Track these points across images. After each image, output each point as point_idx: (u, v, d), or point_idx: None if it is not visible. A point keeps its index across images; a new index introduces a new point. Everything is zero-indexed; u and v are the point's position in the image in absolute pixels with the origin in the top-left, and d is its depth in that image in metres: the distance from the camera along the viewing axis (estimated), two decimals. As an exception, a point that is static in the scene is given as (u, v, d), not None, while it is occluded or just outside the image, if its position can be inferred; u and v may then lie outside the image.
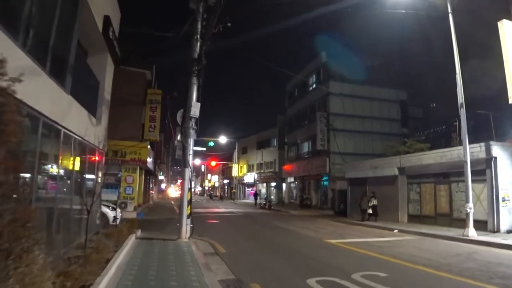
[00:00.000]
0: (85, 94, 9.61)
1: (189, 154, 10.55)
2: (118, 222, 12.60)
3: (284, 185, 42.82)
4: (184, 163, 10.41)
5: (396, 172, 19.27)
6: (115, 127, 19.26)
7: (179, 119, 11.24)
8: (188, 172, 10.48)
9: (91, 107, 9.99)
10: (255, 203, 38.90)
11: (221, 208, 31.46)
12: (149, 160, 23.19)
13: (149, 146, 21.90)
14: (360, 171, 22.42)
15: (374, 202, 19.14)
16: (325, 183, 31.71)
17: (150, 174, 30.69)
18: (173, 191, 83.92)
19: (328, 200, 30.05)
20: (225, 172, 73.84)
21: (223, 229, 15.61)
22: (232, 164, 62.46)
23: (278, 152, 46.56)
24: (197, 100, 10.84)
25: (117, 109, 19.50)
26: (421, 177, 17.92)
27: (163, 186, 64.55)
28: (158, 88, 21.88)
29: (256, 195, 47.95)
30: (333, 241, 11.79)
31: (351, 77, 31.56)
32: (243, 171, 58.35)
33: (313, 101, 33.74)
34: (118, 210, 13.20)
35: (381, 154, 28.58)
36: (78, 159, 8.58)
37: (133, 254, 8.02)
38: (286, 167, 39.22)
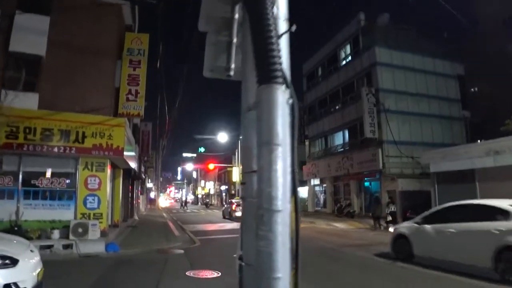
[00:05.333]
0: None
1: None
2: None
3: (305, 189, 34.68)
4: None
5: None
6: (65, 90, 10.98)
7: None
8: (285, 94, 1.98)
9: None
10: None
11: (233, 222, 23.12)
12: (130, 154, 14.80)
13: (128, 129, 13.61)
14: (460, 161, 14.43)
15: (392, 208, 17.35)
16: (373, 184, 23.71)
17: (134, 178, 22.19)
18: (163, 201, 75.31)
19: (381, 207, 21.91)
20: (222, 177, 65.31)
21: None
22: (231, 167, 53.94)
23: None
24: None
25: (68, 61, 11.24)
26: None
27: (152, 195, 55.73)
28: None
29: None
30: None
31: (399, 42, 23.88)
32: (245, 175, 49.98)
33: (349, 78, 25.75)
34: (32, 259, 4.78)
35: (443, 143, 21.03)
36: None
37: None
38: (308, 166, 31.07)
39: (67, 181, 10.87)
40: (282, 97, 1.89)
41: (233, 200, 28.26)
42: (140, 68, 12.42)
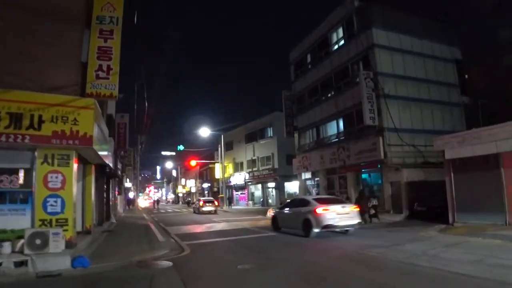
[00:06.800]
0: None
1: None
2: None
3: (295, 183, 32.96)
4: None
5: None
6: (16, 63, 8.65)
7: None
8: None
9: None
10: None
11: (221, 222, 21.09)
12: (104, 153, 12.51)
13: (101, 119, 11.36)
14: (483, 145, 12.82)
15: (374, 202, 17.12)
16: (373, 175, 22.12)
17: (110, 176, 19.76)
18: (143, 201, 72.36)
19: (383, 199, 20.35)
20: (204, 175, 62.89)
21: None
22: (214, 163, 51.62)
23: (277, 144, 36.92)
24: None
25: (21, 27, 8.90)
26: None
27: (131, 195, 52.77)
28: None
29: (230, 199, 42.18)
30: None
31: (396, 24, 22.34)
32: (229, 172, 47.87)
33: (342, 62, 24.00)
34: None
35: (444, 130, 19.66)
36: None
37: None
38: (299, 159, 29.26)
39: (21, 179, 8.54)
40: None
41: (201, 198, 36.95)
42: (113, 40, 10.13)
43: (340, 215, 12.06)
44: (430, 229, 13.34)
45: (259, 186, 42.19)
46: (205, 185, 60.67)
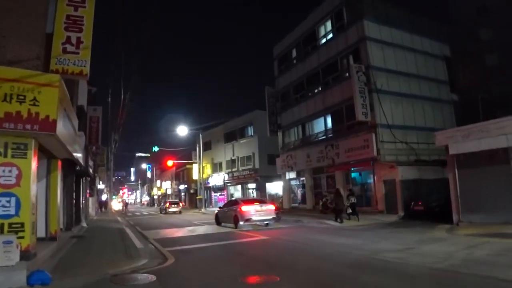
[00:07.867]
0: None
1: None
2: None
3: (279, 184, 31.66)
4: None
5: None
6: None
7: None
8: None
9: None
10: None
11: (203, 225, 19.43)
12: (78, 155, 10.78)
13: (70, 110, 9.66)
14: (491, 139, 11.96)
15: (352, 199, 16.68)
16: (363, 174, 21.15)
17: (80, 175, 17.81)
18: (116, 204, 69.25)
19: (375, 199, 19.38)
20: (181, 176, 60.62)
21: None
22: (192, 163, 49.60)
23: (257, 143, 35.52)
24: None
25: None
26: None
27: (104, 197, 50.03)
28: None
29: (205, 200, 40.46)
30: None
31: (387, 17, 21.57)
32: (207, 172, 46.14)
33: (331, 57, 22.97)
34: None
35: (435, 127, 19.03)
36: None
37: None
38: (283, 158, 28.03)
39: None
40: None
41: (168, 200, 40.96)
42: (85, 8, 8.49)
43: (259, 212, 15.64)
44: (435, 230, 12.37)
45: (239, 187, 40.65)
46: (182, 187, 58.51)
